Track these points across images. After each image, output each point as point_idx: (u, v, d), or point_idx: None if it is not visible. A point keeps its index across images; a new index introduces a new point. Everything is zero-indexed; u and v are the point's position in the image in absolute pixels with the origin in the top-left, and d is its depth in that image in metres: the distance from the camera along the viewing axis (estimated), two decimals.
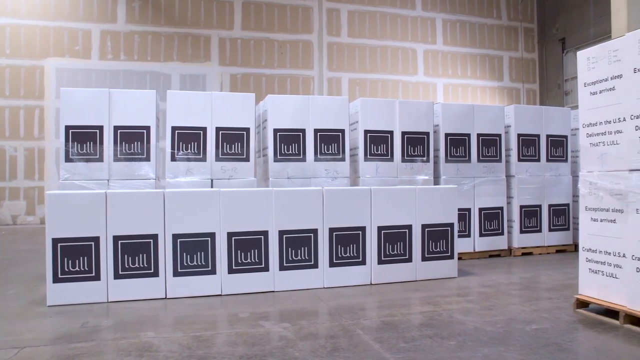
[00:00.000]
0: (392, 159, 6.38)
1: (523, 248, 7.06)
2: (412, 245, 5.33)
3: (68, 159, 5.40)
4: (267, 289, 4.95)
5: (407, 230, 5.31)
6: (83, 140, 5.45)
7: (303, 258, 5.02)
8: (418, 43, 15.32)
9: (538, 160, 7.10)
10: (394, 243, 5.26)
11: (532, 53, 16.60)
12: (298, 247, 5.01)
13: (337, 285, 5.11)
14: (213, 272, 4.82)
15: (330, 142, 6.08)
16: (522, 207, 7.00)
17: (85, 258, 4.52)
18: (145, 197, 4.74)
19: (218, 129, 5.81)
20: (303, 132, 6.03)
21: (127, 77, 13.02)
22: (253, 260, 4.91)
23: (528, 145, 7.04)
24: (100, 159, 5.49)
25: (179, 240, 4.75)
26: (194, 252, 4.78)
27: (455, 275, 5.55)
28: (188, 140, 5.73)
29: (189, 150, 5.72)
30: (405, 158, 6.43)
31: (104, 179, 5.50)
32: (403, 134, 6.41)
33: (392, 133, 6.37)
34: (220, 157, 5.80)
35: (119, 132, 5.55)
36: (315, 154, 6.05)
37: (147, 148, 5.62)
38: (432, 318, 4.00)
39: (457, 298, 4.65)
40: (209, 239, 4.83)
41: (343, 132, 6.12)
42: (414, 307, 4.37)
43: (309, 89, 14.26)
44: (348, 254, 5.14)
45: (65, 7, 12.54)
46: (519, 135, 6.98)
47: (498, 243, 6.93)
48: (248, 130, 5.89)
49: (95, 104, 5.50)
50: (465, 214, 6.70)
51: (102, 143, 5.49)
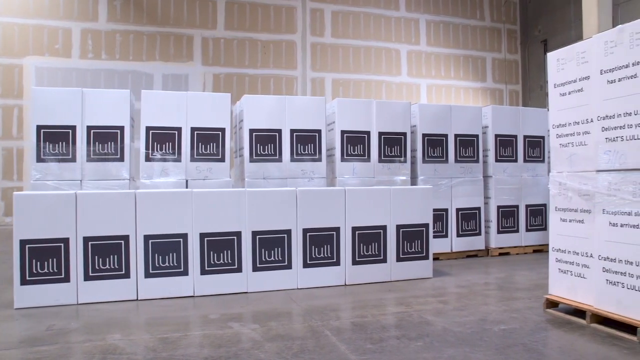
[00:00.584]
0: (369, 160, 6.38)
1: (500, 248, 7.09)
2: (386, 246, 5.33)
3: (40, 159, 5.34)
4: (240, 290, 4.93)
5: (381, 231, 5.31)
6: (55, 140, 5.39)
7: (276, 259, 5.00)
8: (402, 44, 15.32)
9: (515, 161, 7.14)
10: (369, 244, 5.26)
11: (514, 54, 16.69)
12: (271, 247, 4.99)
13: (311, 286, 5.10)
14: (185, 273, 4.79)
15: (307, 142, 6.06)
16: (499, 207, 7.03)
17: (54, 259, 4.46)
18: (116, 197, 4.69)
19: (193, 129, 5.77)
20: (279, 132, 6.01)
21: (108, 76, 12.88)
22: (226, 261, 4.88)
23: (505, 146, 7.08)
24: (73, 159, 5.43)
25: (151, 241, 4.71)
26: (166, 253, 4.74)
27: (431, 276, 5.56)
28: (163, 141, 5.68)
29: (164, 151, 5.68)
30: (383, 158, 6.43)
31: (77, 180, 5.44)
32: (380, 135, 6.41)
33: (369, 133, 6.37)
34: (195, 157, 5.77)
35: (92, 132, 5.49)
36: (292, 155, 6.03)
37: (121, 148, 5.57)
38: (402, 319, 4.00)
39: (429, 299, 4.66)
40: (181, 240, 4.79)
41: (320, 132, 6.10)
42: (386, 307, 4.37)
43: (292, 89, 14.21)
44: (322, 255, 5.13)
45: (45, 4, 12.38)
46: (497, 136, 7.02)
47: (475, 243, 6.96)
48: (224, 131, 5.85)
49: (68, 104, 5.43)
50: (443, 215, 6.72)
51: (74, 143, 5.43)
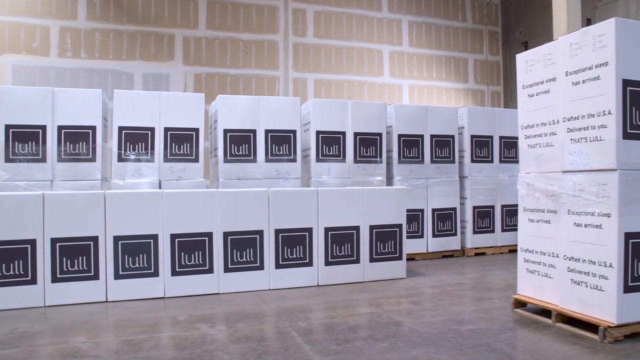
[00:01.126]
0: (344, 160, 6.38)
1: (476, 248, 7.13)
2: (360, 247, 5.33)
3: (8, 159, 5.26)
4: (211, 291, 4.90)
5: (354, 232, 5.31)
6: (25, 140, 5.31)
7: (248, 260, 4.98)
8: (384, 44, 15.37)
9: (491, 162, 7.18)
10: (342, 244, 5.26)
11: (496, 55, 16.84)
12: (243, 248, 4.97)
13: (283, 287, 5.09)
14: (156, 274, 4.75)
15: (282, 142, 6.05)
16: (475, 207, 7.07)
17: (21, 261, 4.40)
18: (85, 198, 4.64)
19: (167, 129, 5.73)
20: (254, 132, 5.99)
21: (87, 75, 12.75)
22: (197, 262, 4.85)
23: (481, 147, 7.12)
24: (44, 160, 5.36)
25: (121, 242, 4.66)
26: (136, 254, 4.70)
27: (404, 276, 5.57)
28: (135, 141, 5.63)
29: (137, 151, 5.63)
30: (358, 159, 6.44)
31: (48, 180, 5.37)
32: (356, 135, 6.41)
33: (344, 134, 6.37)
34: (169, 157, 5.73)
35: (64, 131, 5.43)
36: (267, 155, 6.01)
37: (92, 148, 5.51)
38: (370, 319, 4.00)
39: (400, 299, 4.67)
40: (152, 241, 4.75)
41: (295, 132, 6.09)
42: (356, 308, 4.37)
43: (274, 90, 14.20)
44: (294, 256, 5.11)
45: (22, 2, 12.22)
46: (473, 137, 7.05)
47: (451, 243, 6.99)
48: (197, 131, 5.82)
49: (38, 103, 5.36)
50: (419, 215, 6.74)
51: (45, 143, 5.36)
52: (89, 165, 5.51)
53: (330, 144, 6.32)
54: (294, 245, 5.10)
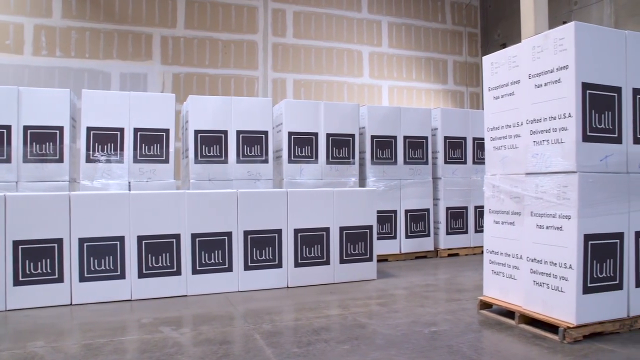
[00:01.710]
0: (316, 161, 6.37)
1: (449, 249, 7.17)
2: (330, 248, 5.33)
3: None
4: (179, 294, 4.86)
5: (324, 233, 5.30)
6: None
7: (217, 261, 4.95)
8: (364, 45, 15.41)
9: (465, 163, 7.22)
10: (312, 246, 5.24)
11: (475, 57, 16.98)
12: (212, 250, 4.93)
13: (252, 289, 5.06)
14: (122, 276, 4.70)
15: (253, 143, 6.02)
16: (448, 208, 7.11)
17: None
18: (49, 200, 4.56)
19: (136, 130, 5.67)
20: (225, 133, 5.95)
21: (63, 74, 12.57)
22: (164, 264, 4.81)
23: (455, 148, 7.16)
24: (8, 160, 5.27)
25: (86, 245, 4.60)
26: (102, 256, 4.64)
27: (375, 278, 5.58)
28: (104, 142, 5.56)
29: (106, 152, 5.56)
30: (331, 160, 6.43)
31: (12, 181, 5.28)
32: (328, 136, 6.41)
33: (317, 135, 6.36)
34: (139, 158, 5.67)
35: (29, 132, 5.34)
36: (238, 156, 5.97)
37: (60, 149, 5.43)
38: (335, 322, 3.99)
39: (368, 301, 4.67)
40: (118, 243, 4.69)
41: (266, 133, 6.07)
42: (323, 310, 4.36)
43: (253, 90, 14.16)
44: (264, 257, 5.09)
45: None
46: (446, 138, 7.09)
47: (424, 244, 7.02)
48: (168, 132, 5.77)
49: (3, 103, 5.27)
50: (392, 216, 6.76)
51: (10, 143, 5.27)
52: (56, 166, 5.42)
53: (303, 145, 6.30)
54: (263, 247, 5.08)
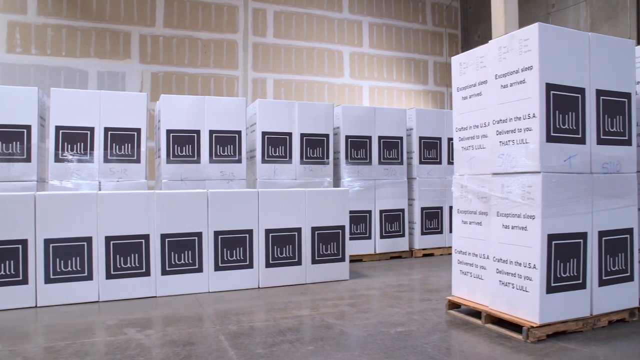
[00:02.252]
0: (290, 161, 6.35)
1: (424, 249, 7.19)
2: (301, 248, 5.31)
3: None
4: (148, 295, 4.80)
5: (296, 233, 5.28)
6: None
7: (187, 262, 4.90)
8: (344, 45, 15.42)
9: (440, 163, 7.25)
10: (283, 246, 5.22)
11: None
12: (182, 250, 4.88)
13: (223, 290, 5.02)
14: (89, 278, 4.63)
15: (227, 143, 5.98)
16: (423, 208, 7.13)
17: None
18: (14, 200, 4.48)
19: (107, 129, 5.60)
20: (198, 133, 5.90)
21: (39, 72, 12.40)
22: (133, 265, 4.75)
23: (430, 148, 7.18)
24: None
25: (52, 245, 4.53)
26: (69, 257, 4.57)
27: (347, 278, 5.57)
28: (74, 141, 5.49)
29: (75, 151, 5.48)
30: (304, 160, 6.42)
31: None
32: (302, 136, 6.39)
33: (290, 135, 6.34)
34: (109, 158, 5.60)
35: None
36: (211, 156, 5.93)
37: (27, 148, 5.34)
38: (303, 322, 3.98)
39: (338, 301, 4.65)
40: (85, 244, 4.63)
41: (240, 133, 6.03)
42: (292, 311, 4.33)
43: (233, 90, 14.10)
44: (235, 258, 5.06)
45: None
46: (421, 138, 7.11)
47: (399, 244, 7.03)
48: (139, 131, 5.70)
49: None
50: (366, 216, 6.76)
51: None
52: (24, 166, 5.33)
53: (277, 145, 6.28)
54: (234, 247, 5.04)
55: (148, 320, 4.08)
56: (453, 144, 7.31)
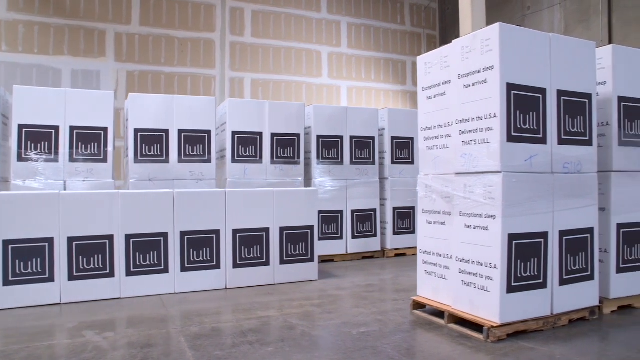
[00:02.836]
0: (261, 161, 6.30)
1: (396, 249, 7.19)
2: (269, 249, 5.27)
3: None
4: (112, 296, 4.73)
5: (264, 233, 5.24)
6: None
7: (152, 263, 4.83)
8: (323, 45, 15.40)
9: (412, 163, 7.26)
10: (251, 246, 5.18)
11: None
12: (147, 251, 4.81)
13: (189, 290, 4.96)
14: (51, 279, 4.54)
15: (196, 143, 5.91)
16: (395, 208, 7.13)
17: None
18: None
19: (73, 128, 5.50)
20: (166, 132, 5.83)
21: (9, 70, 12.18)
22: (97, 266, 4.67)
23: (402, 148, 7.19)
24: None
25: (11, 247, 4.43)
26: (29, 258, 4.48)
27: (316, 278, 5.54)
28: (38, 140, 5.37)
29: (39, 151, 5.37)
30: (275, 160, 6.37)
31: None
32: (273, 136, 6.35)
33: (261, 135, 6.30)
34: (75, 157, 5.50)
35: None
36: (180, 156, 5.86)
37: None
38: (266, 323, 3.94)
39: (304, 302, 4.63)
40: (47, 245, 4.53)
41: (209, 133, 5.97)
42: (256, 312, 4.29)
43: (210, 89, 14.00)
44: (201, 258, 5.00)
45: None
46: (393, 138, 7.11)
47: (371, 244, 7.02)
48: (106, 130, 5.61)
49: None
50: (338, 216, 6.74)
51: None
52: None
53: (247, 145, 6.23)
54: (201, 248, 4.99)
55: (109, 322, 4.01)
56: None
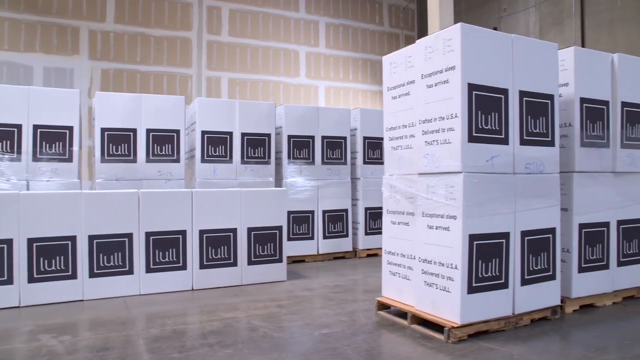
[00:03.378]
0: (231, 161, 6.25)
1: (368, 249, 7.18)
2: (237, 249, 5.22)
3: None
4: (75, 298, 4.64)
5: (231, 234, 5.19)
6: None
7: (116, 264, 4.75)
8: (301, 45, 15.36)
9: (384, 163, 7.24)
10: (218, 247, 5.12)
11: None
12: (111, 252, 4.73)
13: (155, 292, 4.89)
14: (10, 282, 4.43)
15: (164, 142, 5.84)
16: (367, 209, 7.12)
17: None
18: None
19: (36, 127, 5.38)
20: (134, 131, 5.75)
21: None
22: (58, 268, 4.57)
23: (374, 148, 7.18)
24: None
25: None
26: None
27: (285, 279, 5.51)
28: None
29: (1, 149, 5.25)
30: (245, 160, 6.33)
31: None
32: (243, 136, 6.30)
33: (231, 134, 6.24)
34: (39, 157, 5.39)
35: None
36: (148, 155, 5.78)
37: None
38: (228, 325, 3.89)
39: (269, 303, 4.59)
40: (5, 246, 4.43)
41: (178, 132, 5.90)
42: (219, 313, 4.24)
43: (187, 88, 13.87)
44: (167, 259, 4.93)
45: None
46: (365, 138, 7.10)
47: (343, 245, 7.01)
48: (72, 129, 5.51)
49: None
50: (309, 216, 6.71)
51: None
52: None
53: (217, 145, 6.17)
54: (167, 248, 4.92)
55: (67, 325, 3.93)
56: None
